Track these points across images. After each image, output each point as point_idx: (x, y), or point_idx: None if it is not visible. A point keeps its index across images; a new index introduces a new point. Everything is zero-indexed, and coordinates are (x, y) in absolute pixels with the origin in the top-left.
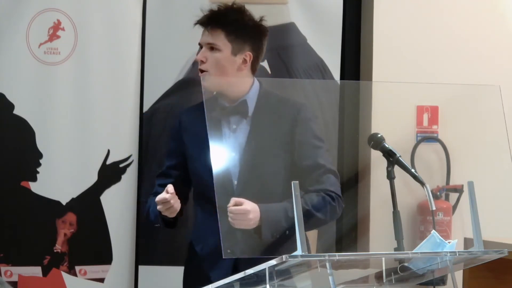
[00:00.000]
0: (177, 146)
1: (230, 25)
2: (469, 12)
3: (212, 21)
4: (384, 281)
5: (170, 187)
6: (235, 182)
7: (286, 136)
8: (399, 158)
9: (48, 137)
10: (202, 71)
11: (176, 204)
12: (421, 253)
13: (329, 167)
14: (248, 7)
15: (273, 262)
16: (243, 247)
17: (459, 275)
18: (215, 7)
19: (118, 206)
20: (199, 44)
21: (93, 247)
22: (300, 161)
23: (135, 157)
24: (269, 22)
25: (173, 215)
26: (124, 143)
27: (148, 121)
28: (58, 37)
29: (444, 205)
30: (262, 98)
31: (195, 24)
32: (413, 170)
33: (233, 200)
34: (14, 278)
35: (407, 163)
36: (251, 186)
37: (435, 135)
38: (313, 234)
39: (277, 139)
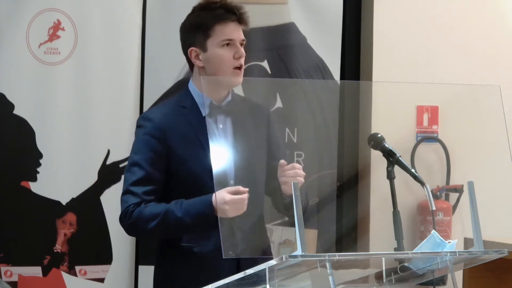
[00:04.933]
0: (160, 150)
1: (246, 17)
2: (469, 12)
3: (236, 15)
4: (384, 281)
5: (239, 187)
6: (232, 182)
7: (264, 136)
8: (399, 158)
9: (48, 137)
10: (240, 67)
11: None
12: (421, 253)
13: None
14: (248, 7)
15: (273, 262)
16: (243, 247)
17: (459, 275)
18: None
19: (118, 206)
20: (228, 39)
21: (93, 247)
22: (274, 160)
23: None
24: (269, 22)
25: (240, 212)
26: (124, 143)
27: None
28: (58, 37)
29: (444, 205)
30: (235, 99)
31: (214, 24)
32: (413, 170)
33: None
34: (14, 278)
35: (407, 163)
36: (247, 185)
37: (435, 135)
38: (313, 234)
39: (258, 138)
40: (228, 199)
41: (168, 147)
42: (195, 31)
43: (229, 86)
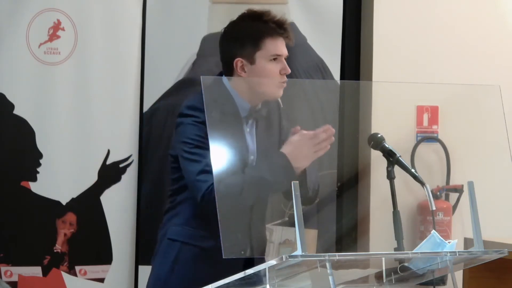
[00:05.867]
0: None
1: (291, 31)
2: (469, 12)
3: (283, 30)
4: (384, 281)
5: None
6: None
7: (278, 132)
8: (399, 158)
9: (48, 137)
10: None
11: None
12: (421, 253)
13: None
14: (248, 7)
15: (273, 262)
16: (244, 247)
17: (459, 275)
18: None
19: (118, 206)
20: (277, 55)
21: (93, 247)
22: None
23: (135, 157)
24: None
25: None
26: (124, 143)
27: (148, 121)
28: (58, 37)
29: (444, 205)
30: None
31: (264, 37)
32: (413, 170)
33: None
34: (14, 278)
35: (407, 163)
36: (257, 186)
37: (435, 135)
38: (313, 234)
39: (277, 141)
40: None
41: None
42: (243, 41)
43: (270, 98)
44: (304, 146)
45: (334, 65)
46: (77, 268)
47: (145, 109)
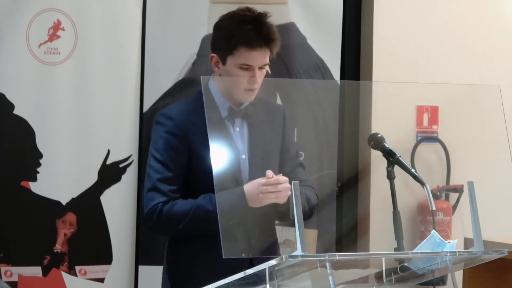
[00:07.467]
0: (181, 148)
1: (275, 45)
2: (469, 12)
3: (265, 42)
4: (384, 281)
5: (270, 172)
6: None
7: (279, 137)
8: (399, 158)
9: (48, 137)
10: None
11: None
12: (421, 253)
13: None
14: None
15: (273, 262)
16: (243, 247)
17: (459, 275)
18: (248, 17)
19: (118, 206)
20: (247, 65)
21: (93, 247)
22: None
23: (135, 157)
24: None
25: (285, 200)
26: (124, 143)
27: (148, 121)
28: (58, 37)
29: (444, 205)
30: (253, 102)
31: (239, 45)
32: (413, 170)
33: (269, 172)
34: (14, 278)
35: (407, 163)
36: None
37: (435, 135)
38: (313, 234)
39: (273, 140)
40: (263, 188)
41: (188, 144)
42: (220, 40)
43: (239, 101)
44: (256, 190)
45: (334, 65)
46: (77, 268)
47: (145, 109)
